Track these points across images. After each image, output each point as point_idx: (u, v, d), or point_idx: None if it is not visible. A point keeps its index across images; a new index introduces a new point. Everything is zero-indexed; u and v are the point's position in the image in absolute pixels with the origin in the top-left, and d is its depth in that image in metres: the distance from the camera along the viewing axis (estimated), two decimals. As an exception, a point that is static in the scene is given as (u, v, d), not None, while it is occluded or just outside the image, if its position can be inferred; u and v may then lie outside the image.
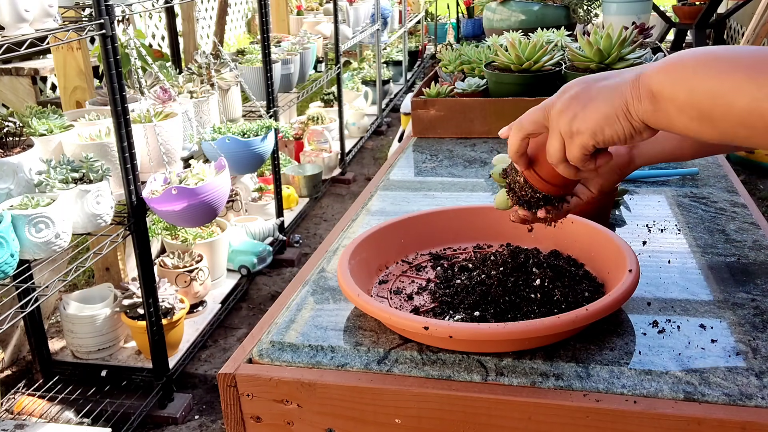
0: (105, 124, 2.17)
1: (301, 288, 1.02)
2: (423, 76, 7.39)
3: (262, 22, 3.23)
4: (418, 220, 1.09)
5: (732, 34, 5.55)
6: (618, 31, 1.59)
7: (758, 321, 0.86)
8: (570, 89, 0.75)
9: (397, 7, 6.69)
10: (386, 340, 0.87)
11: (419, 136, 1.77)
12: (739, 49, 0.66)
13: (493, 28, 2.69)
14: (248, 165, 2.67)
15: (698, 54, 0.67)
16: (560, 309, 0.85)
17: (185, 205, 2.09)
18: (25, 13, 1.73)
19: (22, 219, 1.69)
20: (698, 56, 0.66)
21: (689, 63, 0.66)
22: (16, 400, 2.25)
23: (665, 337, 0.84)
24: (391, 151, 2.84)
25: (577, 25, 2.75)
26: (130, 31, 2.29)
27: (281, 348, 0.87)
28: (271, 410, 0.86)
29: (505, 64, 1.71)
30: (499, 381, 0.79)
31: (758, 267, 1.00)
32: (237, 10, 7.89)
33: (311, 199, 4.18)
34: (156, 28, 6.01)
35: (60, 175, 1.87)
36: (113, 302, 2.45)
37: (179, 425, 2.33)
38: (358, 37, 5.15)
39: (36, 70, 3.24)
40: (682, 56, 0.68)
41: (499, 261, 0.93)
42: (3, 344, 2.56)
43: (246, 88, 3.00)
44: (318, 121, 4.62)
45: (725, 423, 0.72)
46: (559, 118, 0.75)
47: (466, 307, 0.88)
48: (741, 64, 0.63)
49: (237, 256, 3.14)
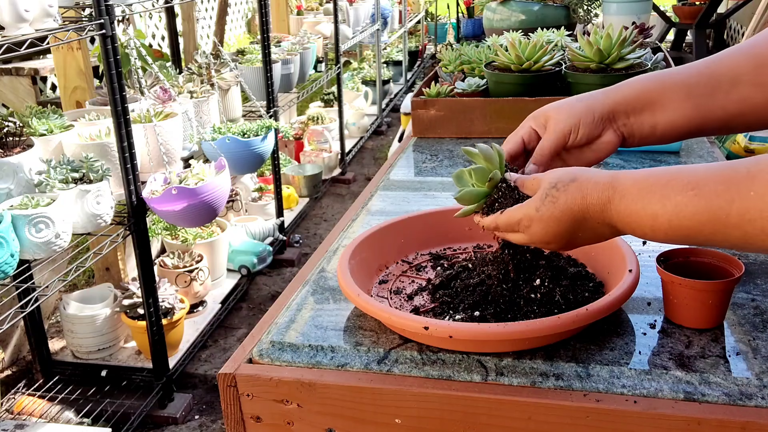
0: (105, 124, 2.17)
1: (301, 288, 1.02)
2: (423, 76, 7.39)
3: (262, 22, 3.23)
4: (418, 220, 1.09)
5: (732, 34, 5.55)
6: (618, 31, 1.59)
7: (758, 321, 0.86)
8: (548, 244, 0.79)
9: (397, 7, 6.69)
10: (386, 340, 0.87)
11: (419, 136, 1.77)
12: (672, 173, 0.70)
13: (493, 28, 2.69)
14: (248, 165, 2.67)
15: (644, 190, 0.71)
16: (560, 309, 0.85)
17: (185, 205, 2.09)
18: (25, 13, 1.73)
19: (22, 219, 1.69)
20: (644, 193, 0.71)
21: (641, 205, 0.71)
22: (16, 400, 2.24)
23: (665, 337, 0.84)
24: (391, 151, 2.84)
25: (577, 25, 2.75)
26: (130, 31, 2.29)
27: (281, 348, 0.87)
28: (271, 410, 0.86)
29: (505, 64, 1.71)
30: (499, 381, 0.79)
31: (758, 267, 1.00)
32: (237, 10, 7.88)
33: (311, 199, 4.18)
34: (156, 28, 6.01)
35: (60, 175, 1.87)
36: (113, 302, 2.45)
37: (179, 425, 2.33)
38: (358, 37, 5.15)
39: (36, 70, 3.24)
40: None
41: (499, 261, 0.93)
42: (3, 344, 2.56)
43: (246, 88, 3.00)
44: (318, 121, 4.62)
45: (725, 423, 0.72)
46: (537, 244, 0.81)
47: (466, 307, 0.87)
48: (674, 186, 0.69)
49: (237, 256, 3.14)
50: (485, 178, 0.84)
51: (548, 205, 0.76)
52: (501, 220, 0.81)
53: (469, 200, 0.85)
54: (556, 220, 0.76)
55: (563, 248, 0.80)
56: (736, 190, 0.64)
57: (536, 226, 0.77)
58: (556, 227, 0.76)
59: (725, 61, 0.84)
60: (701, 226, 0.66)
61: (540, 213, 0.76)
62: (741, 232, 0.64)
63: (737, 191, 0.64)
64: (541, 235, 0.78)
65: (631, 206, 0.71)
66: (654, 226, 0.70)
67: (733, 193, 0.64)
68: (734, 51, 0.85)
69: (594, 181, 0.74)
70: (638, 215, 0.71)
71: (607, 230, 0.75)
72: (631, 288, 0.83)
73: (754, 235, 0.63)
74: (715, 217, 0.65)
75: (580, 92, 1.63)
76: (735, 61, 0.84)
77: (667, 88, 0.85)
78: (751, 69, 0.82)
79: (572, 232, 0.77)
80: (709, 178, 0.66)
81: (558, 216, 0.76)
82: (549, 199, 0.76)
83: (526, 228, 0.79)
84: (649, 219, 0.70)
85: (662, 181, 0.70)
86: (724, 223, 0.65)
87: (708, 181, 0.66)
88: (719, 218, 0.65)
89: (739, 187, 0.64)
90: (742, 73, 0.82)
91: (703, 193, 0.66)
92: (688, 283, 0.83)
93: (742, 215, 0.63)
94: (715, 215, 0.65)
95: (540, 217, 0.77)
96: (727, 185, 0.65)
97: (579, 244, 0.79)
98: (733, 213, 0.64)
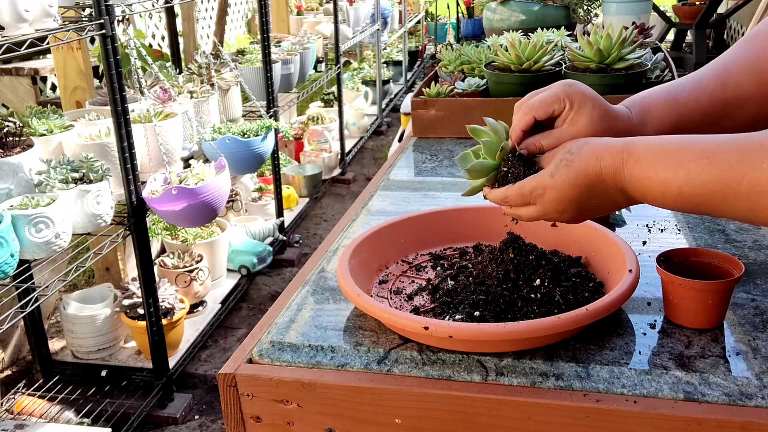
0: (105, 124, 2.17)
1: (301, 288, 1.02)
2: (423, 76, 7.39)
3: (262, 22, 3.23)
4: (418, 220, 1.09)
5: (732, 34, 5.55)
6: (618, 31, 1.59)
7: (758, 321, 0.86)
8: (562, 213, 0.79)
9: (397, 7, 6.69)
10: (386, 340, 0.87)
11: (419, 136, 1.77)
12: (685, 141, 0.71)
13: (493, 28, 2.69)
14: (248, 165, 2.67)
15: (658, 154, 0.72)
16: (560, 309, 0.85)
17: (185, 205, 2.09)
18: (25, 13, 1.73)
19: (22, 219, 1.69)
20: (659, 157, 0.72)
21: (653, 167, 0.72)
22: (16, 400, 2.24)
23: (665, 337, 0.84)
24: (391, 151, 2.84)
25: (577, 25, 2.75)
26: (130, 31, 2.28)
27: (281, 348, 0.87)
28: (271, 410, 0.86)
29: (505, 64, 1.71)
30: (499, 381, 0.79)
31: (758, 267, 1.00)
32: (237, 10, 7.88)
33: (311, 199, 4.18)
34: (156, 28, 6.01)
35: (60, 175, 1.87)
36: (113, 302, 2.45)
37: (179, 425, 2.33)
38: (358, 37, 5.15)
39: (36, 70, 3.24)
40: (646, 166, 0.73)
41: (499, 261, 0.93)
42: (3, 344, 2.56)
43: (246, 88, 3.00)
44: (318, 121, 4.62)
45: (725, 423, 0.72)
46: (549, 214, 0.80)
47: (466, 307, 0.87)
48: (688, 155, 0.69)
49: (237, 256, 3.14)
50: (495, 150, 0.82)
51: (563, 168, 0.76)
52: (512, 191, 0.80)
53: (480, 172, 0.83)
54: (571, 184, 0.76)
55: (575, 218, 0.80)
56: (749, 161, 0.64)
57: (550, 193, 0.77)
58: (569, 192, 0.76)
59: (732, 84, 0.84)
60: (711, 195, 0.67)
61: (555, 178, 0.76)
62: (750, 203, 0.65)
63: (750, 162, 0.64)
64: (555, 203, 0.77)
65: (644, 171, 0.72)
66: (665, 192, 0.71)
67: (746, 164, 0.64)
68: (740, 69, 0.85)
69: (608, 146, 0.75)
70: (650, 180, 0.71)
71: (619, 195, 0.75)
72: (631, 288, 0.83)
73: (762, 207, 0.64)
74: (726, 186, 0.66)
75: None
76: (742, 82, 0.84)
77: (682, 126, 0.85)
78: (755, 88, 0.83)
79: (586, 198, 0.76)
80: (723, 147, 0.67)
81: (572, 180, 0.75)
82: (564, 162, 0.76)
83: (539, 197, 0.78)
84: (661, 185, 0.71)
85: (676, 148, 0.70)
86: (735, 193, 0.65)
87: (722, 150, 0.67)
88: (730, 188, 0.65)
89: (752, 158, 0.64)
90: (747, 95, 0.83)
91: (716, 162, 0.67)
92: (688, 283, 0.83)
93: (752, 186, 0.64)
94: (726, 185, 0.66)
95: (554, 183, 0.77)
96: (740, 155, 0.65)
97: (591, 212, 0.79)
98: (744, 183, 0.64)
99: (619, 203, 0.77)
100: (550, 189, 0.77)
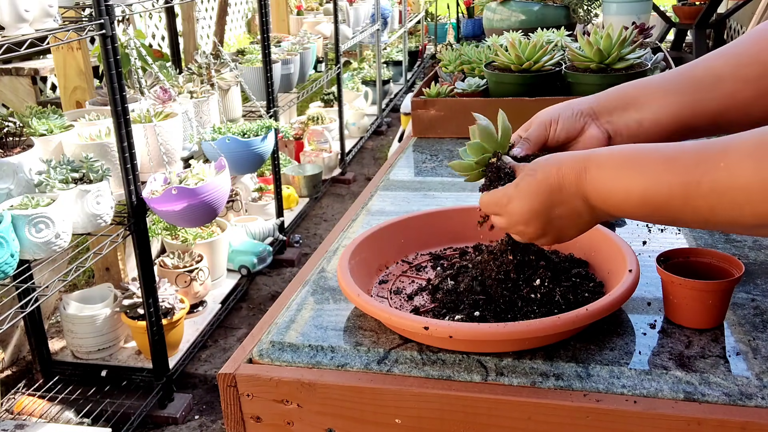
0: (105, 124, 2.17)
1: (301, 288, 1.02)
2: (423, 76, 7.39)
3: (262, 22, 3.23)
4: (418, 220, 1.09)
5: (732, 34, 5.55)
6: (618, 31, 1.59)
7: (758, 321, 0.86)
8: (527, 224, 0.80)
9: (397, 7, 6.69)
10: (386, 340, 0.87)
11: (419, 136, 1.77)
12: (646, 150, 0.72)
13: (493, 28, 2.69)
14: (248, 165, 2.67)
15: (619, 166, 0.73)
16: (560, 309, 0.85)
17: (185, 205, 2.09)
18: (25, 13, 1.73)
19: (22, 219, 1.69)
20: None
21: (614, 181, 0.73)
22: (16, 400, 2.25)
23: (665, 337, 0.84)
24: (391, 151, 2.84)
25: (577, 25, 2.75)
26: (130, 31, 2.29)
27: (281, 348, 0.87)
28: (271, 410, 0.86)
29: (505, 64, 1.71)
30: (499, 381, 0.79)
31: (758, 267, 1.00)
32: (237, 10, 7.88)
33: (311, 199, 4.18)
34: (156, 28, 6.01)
35: (60, 175, 1.87)
36: (113, 302, 2.45)
37: (179, 425, 2.33)
38: (358, 37, 5.15)
39: (36, 70, 3.24)
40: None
41: (499, 261, 0.93)
42: (3, 344, 2.56)
43: (246, 88, 3.00)
44: (318, 121, 4.62)
45: (725, 423, 0.72)
46: (522, 238, 0.83)
47: (466, 307, 0.87)
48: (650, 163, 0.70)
49: (237, 256, 3.14)
50: (478, 153, 0.86)
51: (526, 179, 0.78)
52: (484, 199, 0.83)
53: (460, 169, 0.88)
54: (533, 192, 0.77)
55: (541, 233, 0.80)
56: (709, 163, 0.65)
57: (514, 204, 0.79)
58: (531, 201, 0.77)
59: (702, 64, 0.87)
60: (671, 198, 0.68)
61: (519, 189, 0.78)
62: (709, 204, 0.65)
63: (709, 164, 0.65)
64: (519, 214, 0.79)
65: (605, 177, 0.73)
66: (627, 198, 0.71)
67: (706, 166, 0.65)
68: (712, 54, 0.88)
69: (571, 155, 0.77)
70: (613, 186, 0.72)
71: (581, 204, 0.76)
72: (631, 288, 0.83)
73: (721, 207, 0.65)
74: (686, 189, 0.67)
75: (581, 92, 1.64)
76: (713, 62, 0.86)
77: (648, 88, 0.88)
78: (730, 67, 0.84)
79: (549, 206, 0.77)
80: (684, 152, 0.68)
81: (534, 188, 0.77)
82: (527, 172, 0.78)
83: (504, 207, 0.80)
84: (623, 191, 0.72)
85: (638, 156, 0.72)
86: (694, 195, 0.66)
87: (683, 155, 0.68)
88: (690, 191, 0.66)
89: (712, 160, 0.65)
90: (721, 72, 0.84)
91: (677, 166, 0.68)
92: (688, 283, 0.83)
93: (712, 186, 0.65)
94: (686, 188, 0.67)
95: (518, 192, 0.78)
96: (699, 158, 0.66)
97: (556, 226, 0.79)
98: (704, 183, 0.65)
99: (581, 214, 0.77)
100: (515, 199, 0.79)
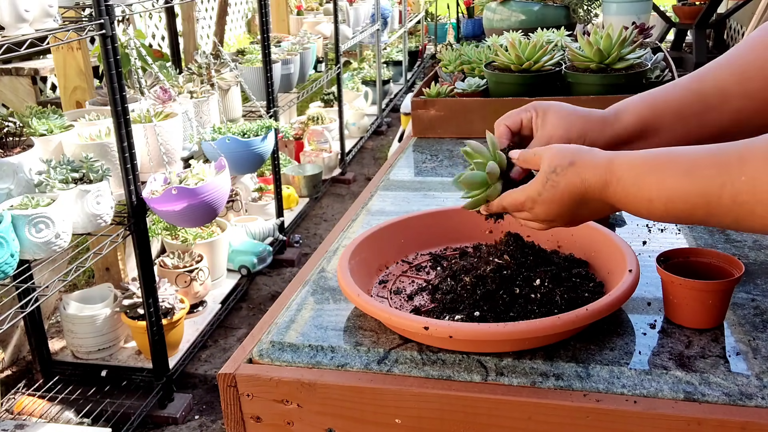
0: (105, 124, 2.17)
1: (301, 288, 1.02)
2: (423, 76, 7.39)
3: (262, 22, 3.23)
4: (418, 220, 1.09)
5: (732, 34, 5.55)
6: (618, 31, 1.59)
7: (758, 321, 0.86)
8: (551, 223, 0.84)
9: (397, 7, 6.69)
10: (386, 340, 0.87)
11: (419, 136, 1.77)
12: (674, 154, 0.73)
13: (493, 28, 2.69)
14: (248, 165, 2.67)
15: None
16: (560, 309, 0.85)
17: (185, 205, 2.09)
18: (25, 13, 1.73)
19: (22, 219, 1.69)
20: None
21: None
22: (16, 400, 2.24)
23: (665, 337, 0.84)
24: (391, 151, 2.84)
25: (577, 25, 2.75)
26: (130, 31, 2.28)
27: (281, 348, 0.87)
28: (271, 410, 0.86)
29: (505, 64, 1.71)
30: (499, 381, 0.79)
31: (758, 267, 1.00)
32: (237, 10, 7.88)
33: (311, 199, 4.18)
34: (156, 28, 6.01)
35: (60, 175, 1.87)
36: (113, 302, 2.45)
37: (179, 425, 2.33)
38: (358, 37, 5.15)
39: (36, 70, 3.24)
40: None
41: (499, 261, 0.93)
42: (3, 344, 2.56)
43: (246, 88, 3.00)
44: (318, 121, 4.62)
45: (725, 423, 0.72)
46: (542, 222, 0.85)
47: (466, 307, 0.87)
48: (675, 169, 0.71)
49: (237, 256, 3.14)
50: (484, 164, 0.87)
51: (549, 189, 0.80)
52: (506, 201, 0.85)
53: (469, 184, 0.88)
54: (558, 202, 0.80)
55: (567, 225, 0.84)
56: (727, 175, 0.66)
57: (539, 208, 0.82)
58: (558, 209, 0.80)
59: (710, 79, 0.87)
60: (694, 209, 0.69)
61: (542, 197, 0.80)
62: (733, 215, 0.67)
63: (728, 175, 0.66)
64: (545, 215, 0.82)
65: (628, 189, 0.74)
66: (650, 208, 0.73)
67: (725, 177, 0.66)
68: (719, 66, 0.88)
69: (592, 165, 0.77)
70: (635, 197, 0.74)
71: (607, 208, 0.80)
72: (631, 288, 0.83)
73: (744, 218, 0.66)
74: (707, 201, 0.68)
75: (580, 93, 1.64)
76: (720, 77, 0.87)
77: (659, 113, 0.89)
78: (736, 83, 0.85)
79: (574, 211, 0.80)
80: (702, 161, 0.69)
81: (559, 199, 0.79)
82: (550, 183, 0.80)
83: (530, 209, 0.83)
84: (646, 202, 0.73)
85: (657, 165, 0.73)
86: (717, 206, 0.67)
87: (701, 165, 0.69)
88: (711, 202, 0.68)
89: (731, 171, 0.66)
90: (729, 89, 0.85)
91: (696, 178, 0.69)
92: (688, 283, 0.83)
93: (733, 199, 0.66)
94: (707, 200, 0.68)
95: (543, 200, 0.81)
96: (719, 169, 0.67)
97: (582, 220, 0.84)
98: (725, 196, 0.66)
99: (607, 212, 0.82)
100: (539, 204, 0.81)
